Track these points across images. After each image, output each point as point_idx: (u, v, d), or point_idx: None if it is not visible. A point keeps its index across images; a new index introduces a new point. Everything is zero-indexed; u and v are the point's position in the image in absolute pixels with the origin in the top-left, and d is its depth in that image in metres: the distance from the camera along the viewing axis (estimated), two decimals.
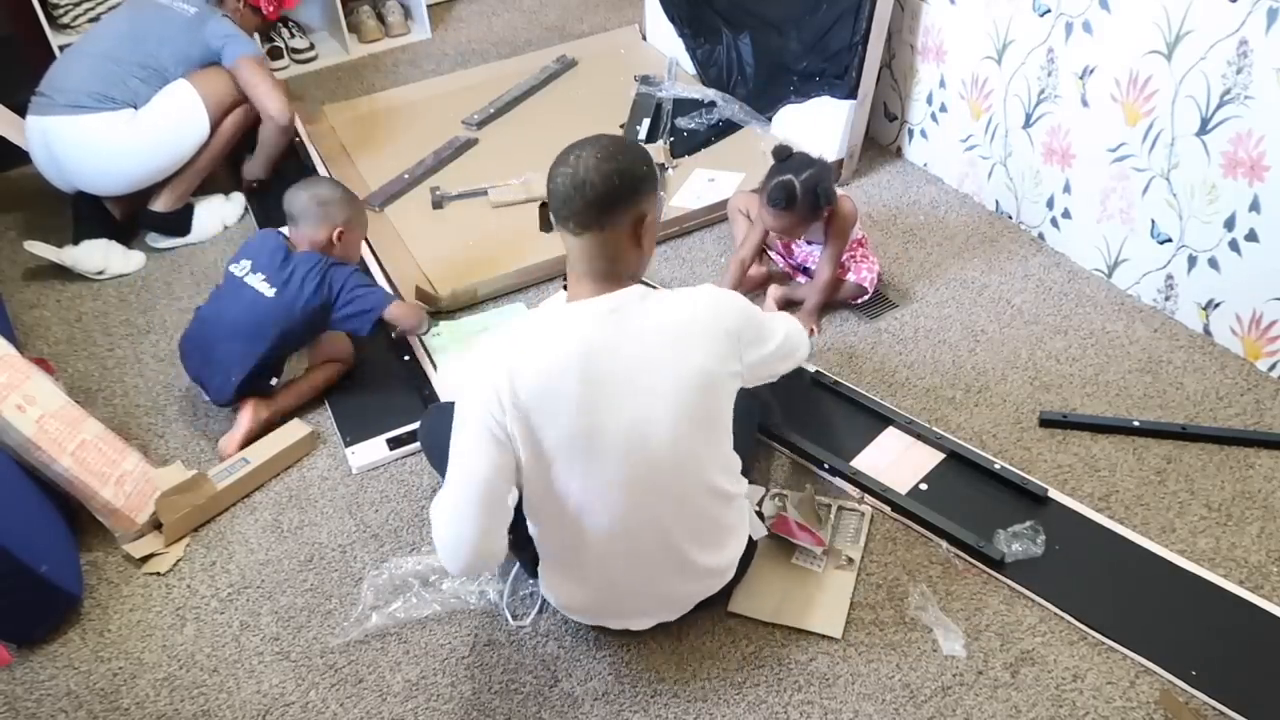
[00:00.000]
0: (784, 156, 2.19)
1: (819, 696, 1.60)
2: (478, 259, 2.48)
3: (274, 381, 2.11)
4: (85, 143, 2.48)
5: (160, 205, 2.63)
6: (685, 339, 1.41)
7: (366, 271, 2.18)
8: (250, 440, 2.05)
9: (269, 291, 2.03)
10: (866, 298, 2.32)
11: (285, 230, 2.15)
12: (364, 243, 2.22)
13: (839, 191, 2.25)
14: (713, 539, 1.56)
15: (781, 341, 1.57)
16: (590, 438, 1.38)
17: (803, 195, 2.11)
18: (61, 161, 2.51)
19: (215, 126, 2.61)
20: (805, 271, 2.39)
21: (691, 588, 1.60)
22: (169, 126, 2.51)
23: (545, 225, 1.46)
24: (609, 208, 1.36)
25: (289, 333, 2.05)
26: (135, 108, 2.50)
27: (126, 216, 2.67)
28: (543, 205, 1.44)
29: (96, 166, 2.52)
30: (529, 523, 1.53)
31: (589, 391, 1.37)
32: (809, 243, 2.33)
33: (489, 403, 1.36)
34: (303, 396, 2.16)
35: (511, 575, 1.78)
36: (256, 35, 2.94)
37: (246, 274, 2.06)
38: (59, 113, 2.46)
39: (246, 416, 2.05)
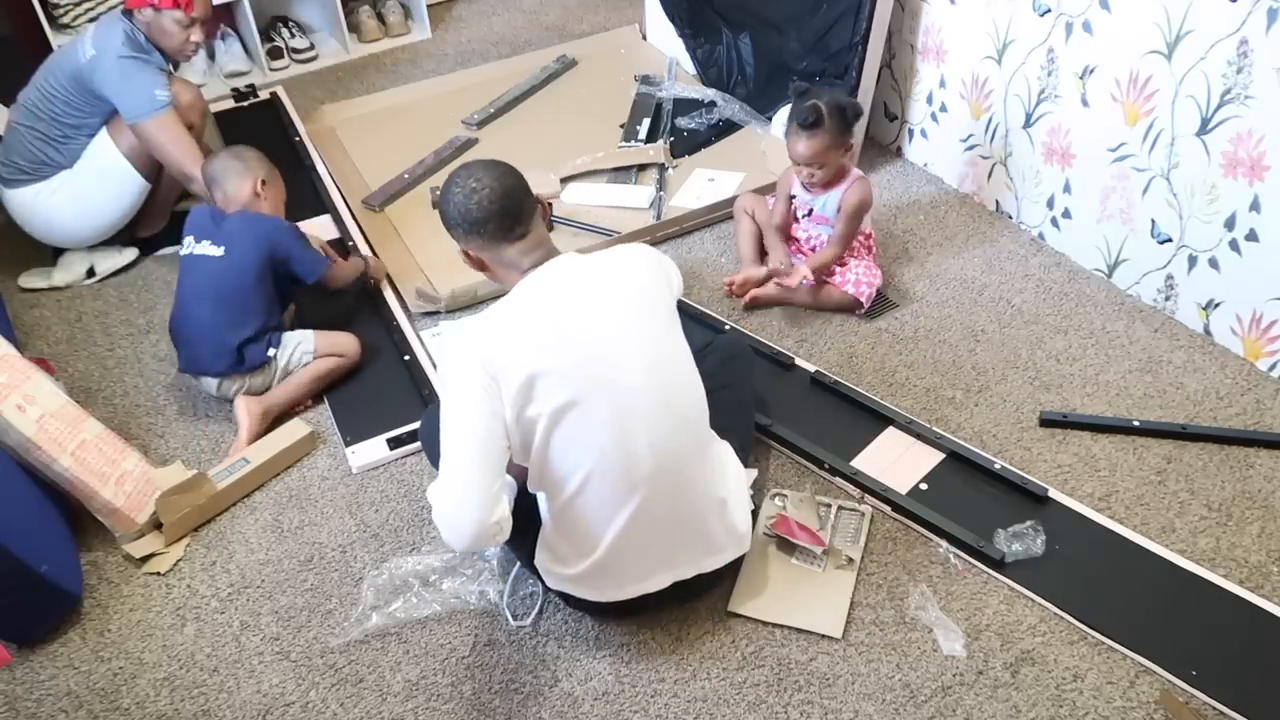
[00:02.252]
0: (803, 91, 2.22)
1: (819, 696, 1.60)
2: None
3: (271, 353, 2.12)
4: (32, 212, 2.48)
5: (145, 232, 2.63)
6: (643, 278, 1.55)
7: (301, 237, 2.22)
8: (257, 436, 2.07)
9: (218, 252, 2.09)
10: (863, 310, 2.32)
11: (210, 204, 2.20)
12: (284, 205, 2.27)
13: (859, 173, 2.27)
14: (718, 465, 1.62)
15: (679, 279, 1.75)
16: (592, 380, 1.44)
17: (829, 112, 2.13)
18: (25, 226, 2.52)
19: (153, 170, 2.46)
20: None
21: (714, 526, 1.61)
22: (104, 187, 2.45)
23: (479, 263, 1.58)
24: (527, 202, 1.53)
25: (248, 285, 2.09)
26: (68, 168, 2.42)
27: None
28: (464, 252, 1.56)
29: (54, 230, 2.52)
30: (538, 497, 1.55)
31: (577, 335, 1.45)
32: (818, 224, 2.33)
33: (476, 373, 1.41)
34: (301, 389, 2.16)
35: (512, 575, 1.78)
36: (193, 30, 2.38)
37: (193, 249, 2.12)
38: (4, 185, 2.45)
39: (242, 413, 2.07)
